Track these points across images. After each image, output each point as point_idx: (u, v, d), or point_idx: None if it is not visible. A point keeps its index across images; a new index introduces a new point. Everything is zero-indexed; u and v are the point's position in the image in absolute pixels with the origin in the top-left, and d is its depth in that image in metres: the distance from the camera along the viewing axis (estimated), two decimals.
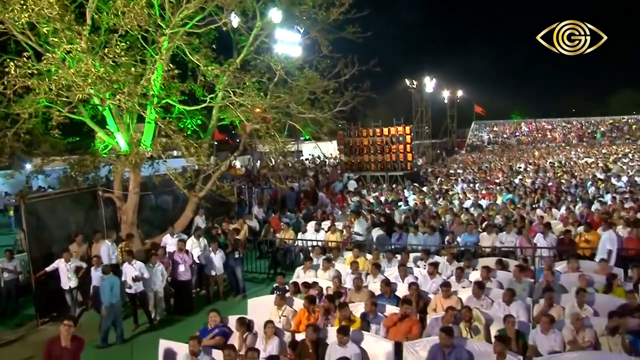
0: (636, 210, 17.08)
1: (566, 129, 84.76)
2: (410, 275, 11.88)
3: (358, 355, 8.30)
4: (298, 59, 16.01)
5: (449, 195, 23.54)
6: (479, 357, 7.85)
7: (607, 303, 9.51)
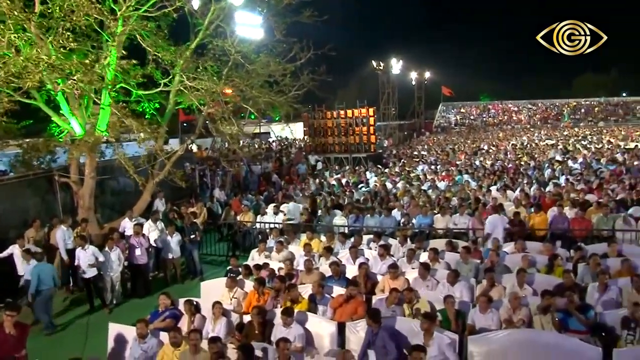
0: (586, 192, 17.49)
1: (531, 111, 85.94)
2: (362, 257, 12.08)
3: (302, 335, 8.50)
4: (253, 43, 15.95)
5: (408, 177, 23.76)
6: (413, 336, 8.08)
7: (546, 283, 9.81)
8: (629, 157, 27.58)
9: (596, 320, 8.47)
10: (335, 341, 8.69)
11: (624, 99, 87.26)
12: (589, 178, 20.52)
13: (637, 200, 16.10)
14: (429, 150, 41.83)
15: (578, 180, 20.13)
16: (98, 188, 16.40)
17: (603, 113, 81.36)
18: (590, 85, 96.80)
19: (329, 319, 9.33)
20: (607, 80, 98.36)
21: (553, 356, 7.44)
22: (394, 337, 8.05)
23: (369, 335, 8.16)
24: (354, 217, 15.87)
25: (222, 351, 7.52)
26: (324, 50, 15.56)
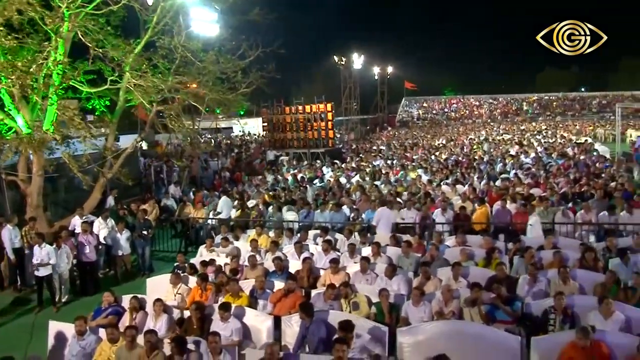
0: (532, 186, 17.95)
1: (492, 106, 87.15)
2: (306, 252, 12.29)
3: (239, 330, 8.67)
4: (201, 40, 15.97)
5: (363, 171, 24.04)
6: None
7: (481, 275, 10.17)
8: (579, 151, 28.31)
9: (523, 311, 8.81)
10: (271, 335, 8.88)
11: (581, 94, 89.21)
12: (537, 172, 21.06)
13: (579, 193, 16.64)
14: (387, 144, 42.22)
15: (527, 174, 20.64)
16: (51, 186, 16.32)
17: (561, 108, 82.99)
18: (551, 81, 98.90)
19: (268, 313, 9.54)
20: (568, 75, 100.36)
21: (477, 346, 7.75)
22: (326, 330, 8.26)
23: (302, 329, 8.38)
24: (305, 212, 16.06)
25: (156, 343, 7.65)
26: (273, 48, 15.69)
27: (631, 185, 16.88)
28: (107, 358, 8.05)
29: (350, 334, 7.68)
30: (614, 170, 21.33)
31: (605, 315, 8.17)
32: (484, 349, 7.66)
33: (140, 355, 7.67)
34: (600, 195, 15.50)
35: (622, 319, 8.19)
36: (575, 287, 9.63)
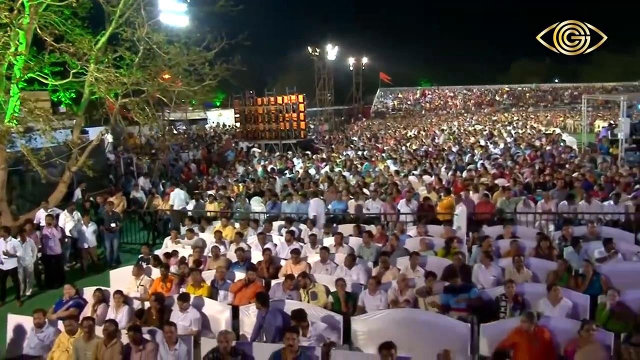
0: (497, 177, 18.23)
1: (467, 96, 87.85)
2: (269, 243, 12.42)
3: (197, 319, 8.81)
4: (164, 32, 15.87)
5: (333, 162, 24.20)
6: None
7: (438, 265, 10.41)
8: (546, 142, 28.73)
9: (476, 298, 9.03)
10: (230, 324, 9.03)
11: (553, 85, 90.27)
12: (504, 163, 21.38)
13: (541, 183, 16.94)
14: (360, 135, 42.41)
15: (494, 165, 20.94)
16: (18, 179, 16.21)
17: (534, 99, 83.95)
18: (525, 72, 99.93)
19: (229, 303, 9.67)
20: (541, 66, 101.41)
21: (428, 333, 7.97)
22: (282, 319, 8.42)
23: (259, 318, 8.53)
24: (271, 203, 16.17)
25: (114, 333, 7.76)
26: (238, 40, 15.69)
27: (592, 176, 17.22)
28: (66, 349, 8.12)
29: (303, 322, 7.88)
30: (578, 160, 21.70)
31: (553, 302, 8.45)
32: (435, 336, 7.86)
33: (98, 345, 7.78)
34: (561, 185, 15.81)
35: (569, 305, 8.47)
36: (529, 275, 9.90)
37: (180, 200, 17.32)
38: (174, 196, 17.52)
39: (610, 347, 7.37)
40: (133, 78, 14.02)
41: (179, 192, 17.73)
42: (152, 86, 15.18)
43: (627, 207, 13.95)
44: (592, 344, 7.15)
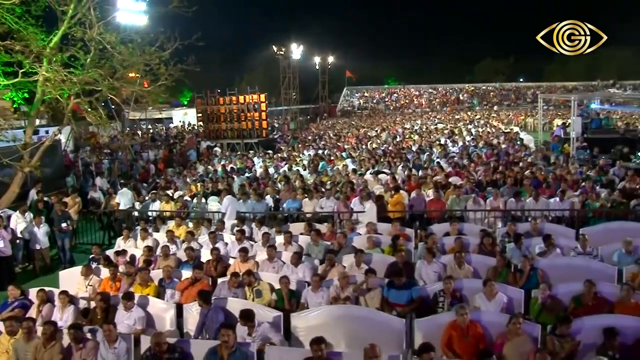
0: (452, 175, 18.54)
1: (432, 95, 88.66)
2: (220, 242, 12.53)
3: (142, 318, 8.91)
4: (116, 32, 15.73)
5: (292, 161, 24.34)
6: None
7: (383, 262, 10.65)
8: (504, 140, 29.23)
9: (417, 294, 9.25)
10: (174, 322, 9.16)
11: (517, 84, 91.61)
12: (460, 161, 21.73)
13: (492, 181, 17.30)
14: (323, 134, 42.59)
15: (450, 163, 21.28)
16: None
17: (497, 97, 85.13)
18: (490, 71, 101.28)
19: (176, 301, 9.78)
20: (506, 65, 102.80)
21: (365, 328, 8.16)
22: (224, 316, 8.56)
23: (201, 316, 8.65)
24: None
25: (54, 334, 7.81)
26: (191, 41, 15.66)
27: (542, 174, 17.64)
28: (5, 351, 8.14)
29: (250, 322, 8.02)
30: (531, 158, 22.17)
31: (488, 297, 8.72)
32: (371, 331, 8.03)
33: (37, 346, 7.81)
34: (511, 182, 16.21)
35: (504, 300, 8.76)
36: (470, 271, 10.18)
37: (126, 199, 17.27)
38: (120, 196, 17.49)
39: (537, 338, 7.66)
40: (85, 78, 13.92)
41: (125, 191, 17.72)
42: (106, 86, 15.08)
43: (573, 204, 14.37)
44: (520, 336, 7.42)
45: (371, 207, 14.07)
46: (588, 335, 7.52)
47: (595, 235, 11.81)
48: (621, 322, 7.59)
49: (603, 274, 9.92)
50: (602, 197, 14.62)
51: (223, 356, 7.11)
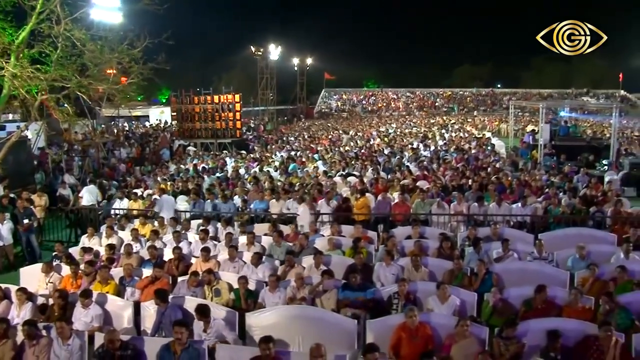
0: (419, 179, 18.76)
1: (409, 99, 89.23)
2: (185, 241, 12.60)
3: (99, 316, 8.97)
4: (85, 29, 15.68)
5: (264, 162, 24.44)
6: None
7: (342, 263, 10.82)
8: (475, 145, 29.60)
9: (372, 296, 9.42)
10: (131, 320, 9.23)
11: (494, 89, 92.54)
12: (429, 165, 21.98)
13: (459, 186, 17.54)
14: (297, 136, 42.71)
15: (419, 167, 21.51)
16: None
17: (474, 103, 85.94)
18: (468, 76, 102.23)
19: (135, 300, 9.85)
20: (484, 71, 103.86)
21: (318, 329, 8.30)
22: (181, 315, 8.65)
23: (158, 314, 8.74)
24: (194, 202, 16.31)
25: (6, 332, 7.83)
26: (161, 39, 15.73)
27: (508, 180, 17.93)
28: None
29: (205, 318, 8.14)
30: (500, 164, 22.50)
31: (441, 300, 8.92)
32: (324, 331, 8.19)
33: None
34: (476, 187, 16.47)
35: (456, 303, 8.96)
36: (426, 274, 10.38)
37: (90, 196, 17.23)
38: (84, 193, 17.46)
39: (485, 340, 7.87)
40: (52, 75, 13.93)
41: (90, 188, 17.67)
42: (75, 83, 15.09)
43: (535, 210, 14.66)
44: (467, 338, 7.62)
45: (304, 210, 14.30)
46: (533, 338, 7.74)
47: (553, 241, 12.15)
48: (564, 325, 7.85)
49: (555, 279, 10.21)
50: (563, 203, 14.91)
51: (176, 352, 7.22)
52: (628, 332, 7.93)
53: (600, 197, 15.86)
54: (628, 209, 14.89)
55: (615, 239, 12.29)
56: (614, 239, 12.34)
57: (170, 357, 7.23)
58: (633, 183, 19.93)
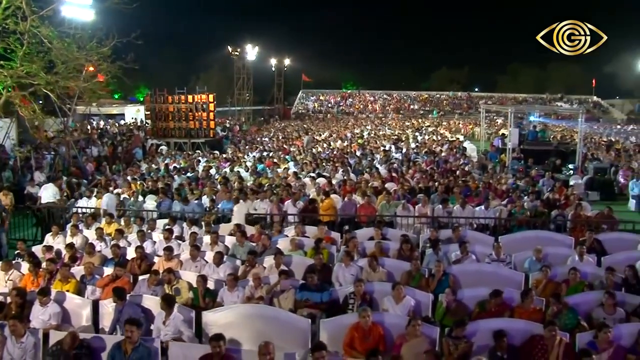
0: (387, 181, 18.95)
1: (386, 101, 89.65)
2: (149, 240, 12.66)
3: (57, 314, 9.00)
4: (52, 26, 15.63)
5: (236, 162, 24.50)
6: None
7: (303, 264, 10.93)
8: (447, 149, 29.90)
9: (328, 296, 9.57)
10: (89, 318, 9.29)
11: (471, 93, 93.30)
12: (399, 167, 22.20)
13: (425, 188, 17.75)
14: (272, 136, 42.77)
15: (389, 169, 21.69)
16: None
17: (450, 106, 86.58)
18: (446, 79, 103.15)
19: (96, 298, 9.90)
20: (461, 75, 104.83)
21: (272, 327, 8.44)
22: (139, 313, 8.74)
23: (116, 312, 8.81)
24: (161, 201, 16.35)
25: None
26: (129, 39, 15.75)
27: (474, 183, 18.19)
28: None
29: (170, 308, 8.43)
30: (469, 167, 22.81)
31: (396, 300, 9.09)
32: (278, 330, 8.34)
33: None
34: (442, 190, 16.68)
35: (411, 304, 9.14)
36: (384, 275, 10.54)
37: (48, 194, 17.18)
38: (42, 191, 17.41)
39: (435, 340, 8.05)
40: (17, 71, 13.88)
41: (46, 187, 17.60)
42: (43, 80, 15.05)
43: (499, 212, 14.91)
44: (418, 338, 7.78)
45: (239, 208, 14.42)
46: (482, 338, 7.96)
47: (512, 243, 12.43)
48: (512, 325, 8.10)
49: (511, 280, 10.47)
50: (526, 206, 15.19)
51: (127, 351, 7.30)
52: (574, 331, 8.18)
53: (562, 200, 16.21)
54: (588, 213, 15.26)
55: (572, 242, 12.56)
56: (572, 241, 12.61)
57: (121, 355, 7.31)
58: (596, 187, 20.34)
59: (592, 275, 10.53)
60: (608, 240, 12.72)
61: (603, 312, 8.81)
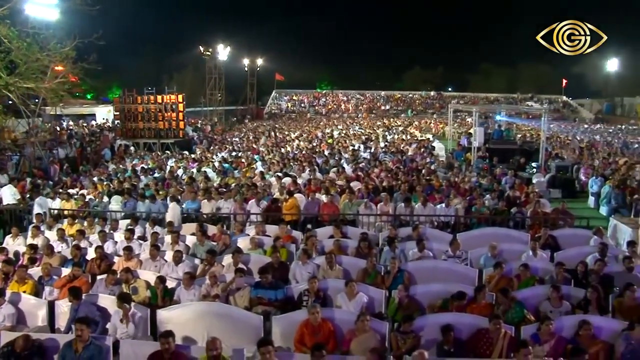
0: (352, 180, 19.14)
1: (359, 101, 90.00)
2: (110, 240, 12.71)
3: (12, 315, 9.06)
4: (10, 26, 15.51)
5: (204, 163, 24.55)
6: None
7: (259, 262, 11.10)
8: (415, 148, 30.18)
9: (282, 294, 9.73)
10: (45, 319, 9.33)
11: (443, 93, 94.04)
12: (366, 167, 22.40)
13: (389, 187, 17.97)
14: (242, 136, 42.78)
15: (355, 168, 21.88)
16: None
17: (422, 106, 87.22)
18: (419, 79, 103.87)
19: (54, 298, 9.94)
20: (435, 75, 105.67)
21: (225, 324, 8.64)
22: (94, 312, 8.82)
23: (72, 311, 8.88)
24: (126, 202, 16.35)
25: None
26: (91, 39, 15.72)
27: (438, 182, 18.47)
28: None
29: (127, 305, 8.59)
30: (434, 166, 23.08)
31: (349, 297, 9.28)
32: (231, 327, 8.55)
33: None
34: (404, 189, 16.89)
35: (364, 300, 9.33)
36: (340, 272, 10.70)
37: (7, 195, 17.12)
38: (2, 192, 17.34)
39: (385, 335, 8.24)
40: None
41: (7, 187, 17.54)
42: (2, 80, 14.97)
43: (457, 210, 15.19)
44: (367, 333, 7.98)
45: (173, 207, 14.58)
46: (430, 332, 8.18)
47: (470, 240, 12.68)
48: (460, 320, 8.33)
49: (465, 276, 10.75)
50: (487, 204, 15.49)
51: (77, 350, 7.37)
52: (520, 324, 8.44)
53: (523, 198, 16.53)
54: (547, 210, 15.60)
55: (528, 238, 12.88)
56: (528, 238, 12.94)
57: (72, 354, 7.38)
58: (558, 185, 20.72)
59: (544, 271, 10.88)
60: (562, 236, 13.13)
61: (550, 305, 9.11)
